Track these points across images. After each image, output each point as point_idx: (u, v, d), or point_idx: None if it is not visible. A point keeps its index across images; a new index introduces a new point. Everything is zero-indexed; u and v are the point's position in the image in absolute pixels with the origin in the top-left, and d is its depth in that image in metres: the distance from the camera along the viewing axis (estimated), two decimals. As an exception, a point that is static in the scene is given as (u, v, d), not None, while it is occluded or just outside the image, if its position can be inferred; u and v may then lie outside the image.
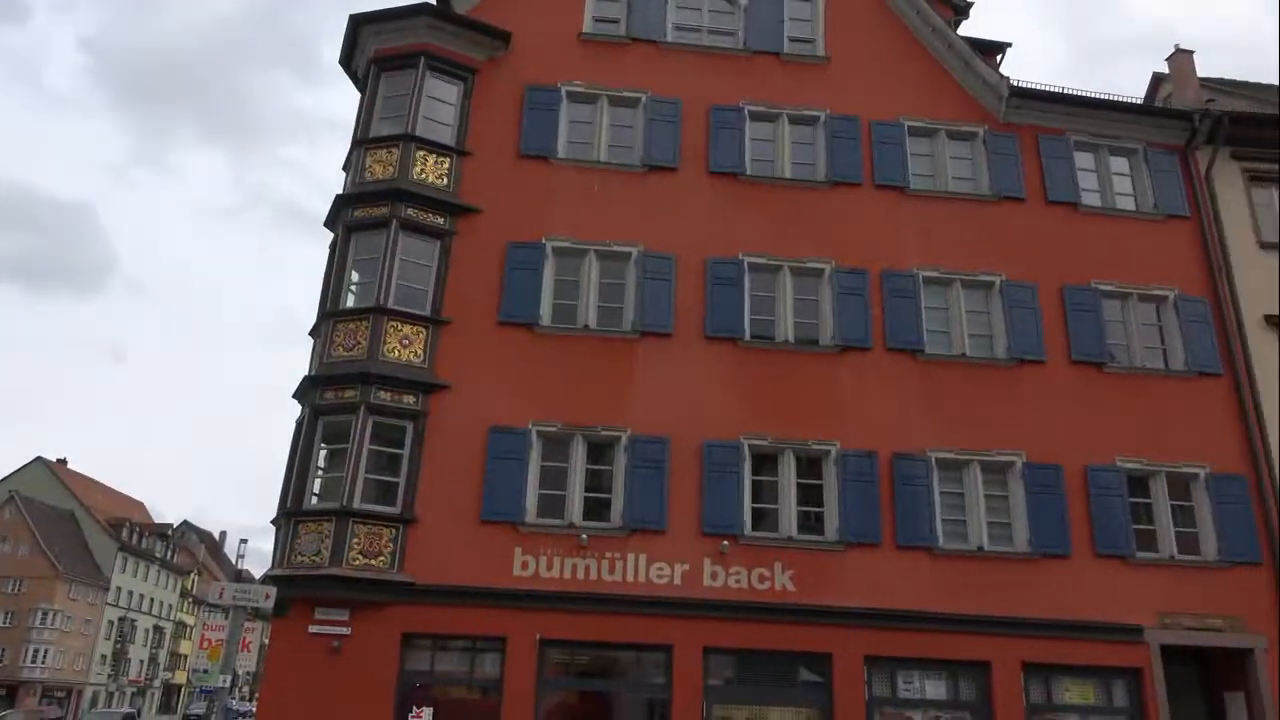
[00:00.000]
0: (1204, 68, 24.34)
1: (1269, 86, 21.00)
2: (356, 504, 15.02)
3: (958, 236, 18.18)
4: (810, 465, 16.50)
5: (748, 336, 16.90)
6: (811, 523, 16.21)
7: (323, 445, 15.71)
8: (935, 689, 15.65)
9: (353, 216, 16.86)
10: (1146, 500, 16.97)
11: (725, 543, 15.56)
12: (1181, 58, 20.67)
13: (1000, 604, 15.84)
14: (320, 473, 15.70)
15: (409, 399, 15.72)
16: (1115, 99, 19.37)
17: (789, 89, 18.75)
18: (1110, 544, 16.42)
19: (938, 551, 16.04)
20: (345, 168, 17.94)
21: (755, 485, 16.16)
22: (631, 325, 16.73)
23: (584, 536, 15.35)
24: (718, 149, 18.02)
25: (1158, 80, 22.02)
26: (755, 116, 18.47)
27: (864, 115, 18.62)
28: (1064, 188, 18.76)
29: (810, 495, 16.29)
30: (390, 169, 16.98)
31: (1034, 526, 16.36)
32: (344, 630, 14.64)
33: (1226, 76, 21.79)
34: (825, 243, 17.72)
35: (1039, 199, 18.67)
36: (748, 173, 18.04)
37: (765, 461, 16.37)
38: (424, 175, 17.08)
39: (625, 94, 18.27)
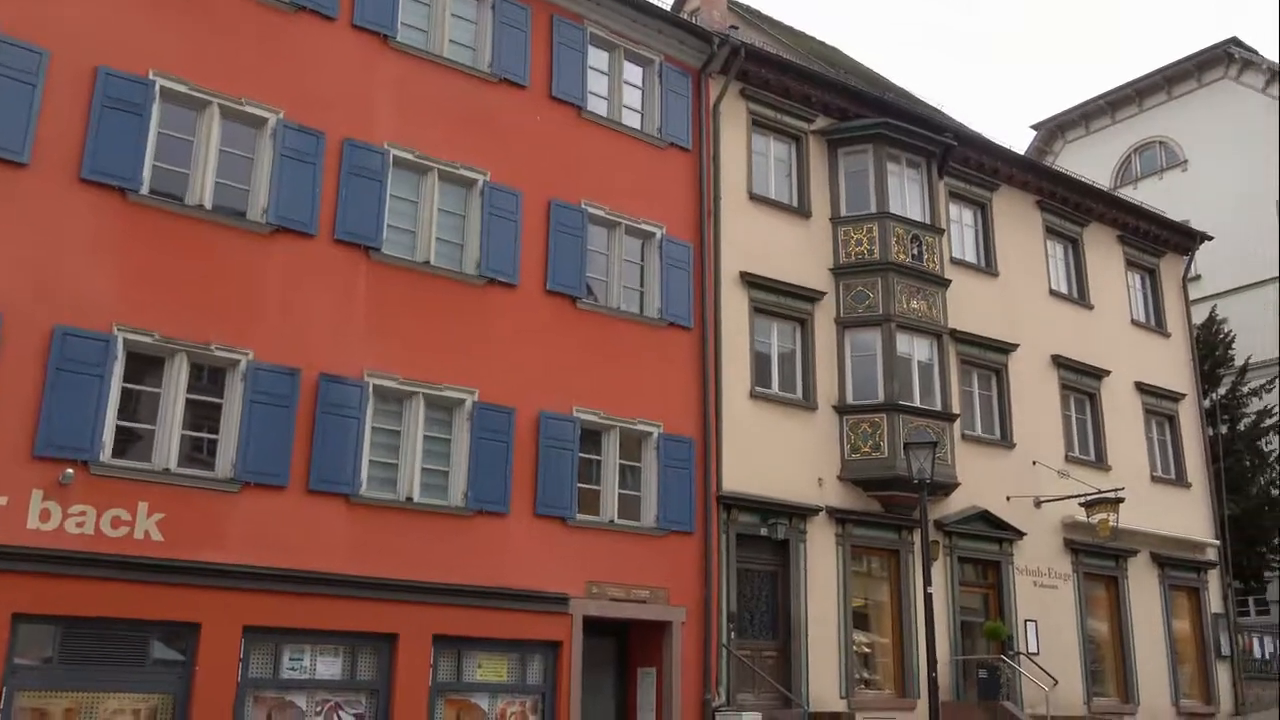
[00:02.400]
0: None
1: (802, 34, 20.59)
2: None
3: (444, 116, 15.43)
4: (212, 378, 13.02)
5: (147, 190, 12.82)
6: (203, 454, 12.81)
7: None
8: (329, 667, 13.22)
9: None
10: (597, 457, 15.80)
11: (69, 471, 11.65)
12: (711, -28, 19.55)
13: (420, 567, 13.75)
14: None
15: None
16: (640, -2, 17.63)
17: None
18: (552, 503, 15.00)
19: (357, 500, 13.49)
20: None
21: (127, 397, 12.36)
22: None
23: None
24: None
25: (686, -10, 20.83)
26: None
27: (353, -66, 14.99)
28: (572, 85, 16.73)
29: (205, 417, 12.85)
30: None
31: (474, 478, 14.41)
32: None
33: (764, 10, 21.12)
34: (275, 85, 14.03)
35: (543, 92, 16.47)
36: (185, -32, 13.66)
37: (150, 366, 12.59)
38: None
39: None
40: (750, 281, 17.87)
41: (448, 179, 15.30)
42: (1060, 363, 22.08)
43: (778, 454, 17.51)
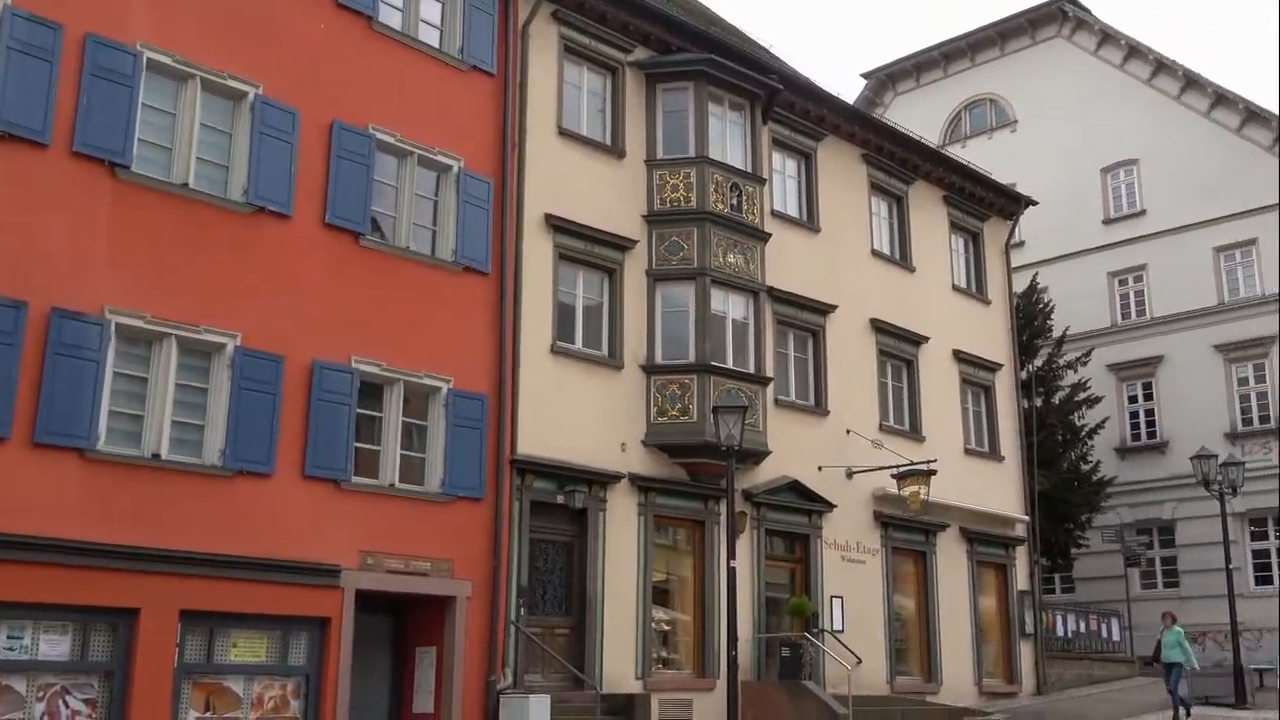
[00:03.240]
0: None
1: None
2: None
3: (211, 17, 14.68)
4: (-85, 307, 12.10)
5: None
6: (-100, 397, 11.93)
7: None
8: (55, 647, 12.59)
9: None
10: (377, 414, 15.52)
11: None
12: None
13: (168, 533, 13.21)
14: None
15: None
16: (443, -100, 17.18)
17: None
18: (324, 464, 14.66)
19: (93, 455, 12.83)
20: None
21: None
22: None
23: None
24: None
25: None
26: None
27: None
28: (362, -8, 16.20)
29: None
30: None
31: (235, 434, 13.92)
32: None
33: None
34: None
35: (328, -4, 15.89)
36: None
37: None
38: None
39: None
40: (556, 225, 17.81)
41: (212, 90, 14.59)
42: (879, 327, 22.96)
43: (579, 415, 17.60)
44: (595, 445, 17.70)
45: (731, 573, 15.99)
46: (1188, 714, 20.37)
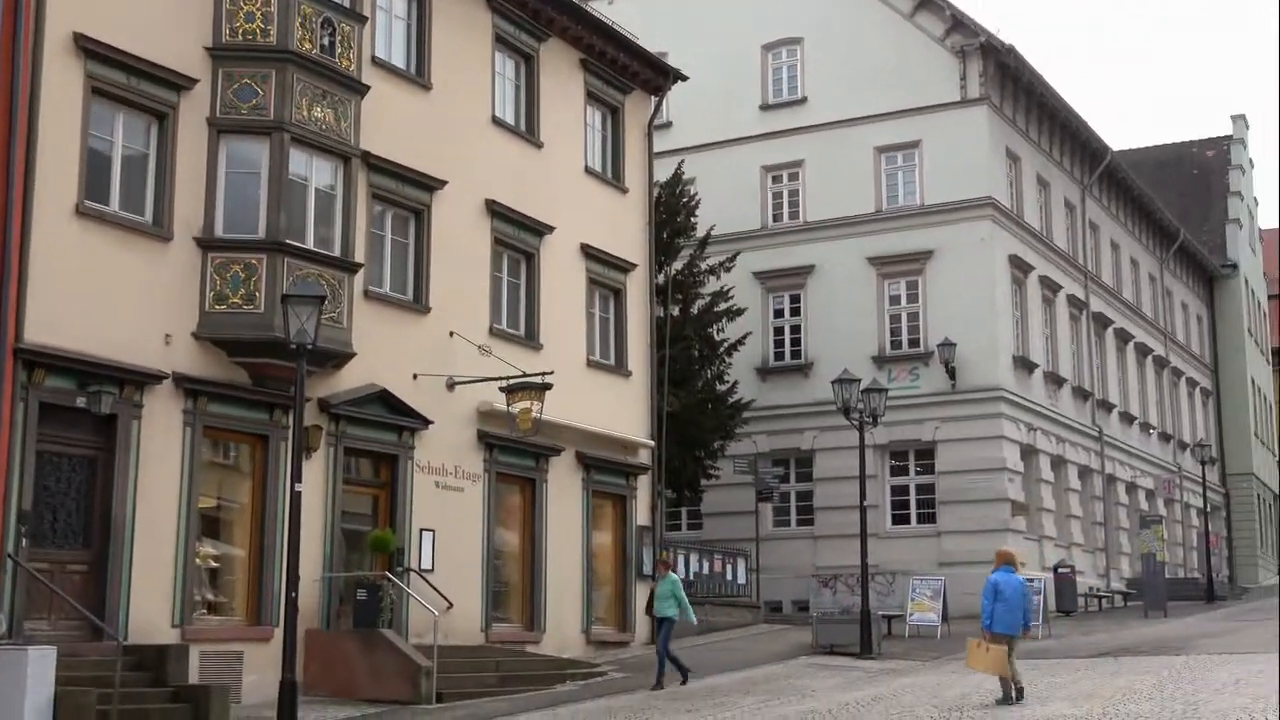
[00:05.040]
0: None
1: None
2: None
3: None
4: None
5: None
6: None
7: None
8: None
9: None
10: None
11: None
12: None
13: None
14: None
15: None
16: None
17: None
18: None
19: None
20: None
21: None
22: None
23: None
24: None
25: None
26: None
27: None
28: None
29: None
30: None
31: None
32: None
33: None
34: None
35: None
36: None
37: None
38: None
39: None
40: (89, 50, 16.78)
41: None
42: (497, 211, 23.18)
43: (110, 297, 16.85)
44: (131, 336, 17.01)
45: (296, 498, 15.82)
46: (683, 679, 19.93)
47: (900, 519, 34.11)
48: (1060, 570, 34.10)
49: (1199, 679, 18.09)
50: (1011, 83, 36.08)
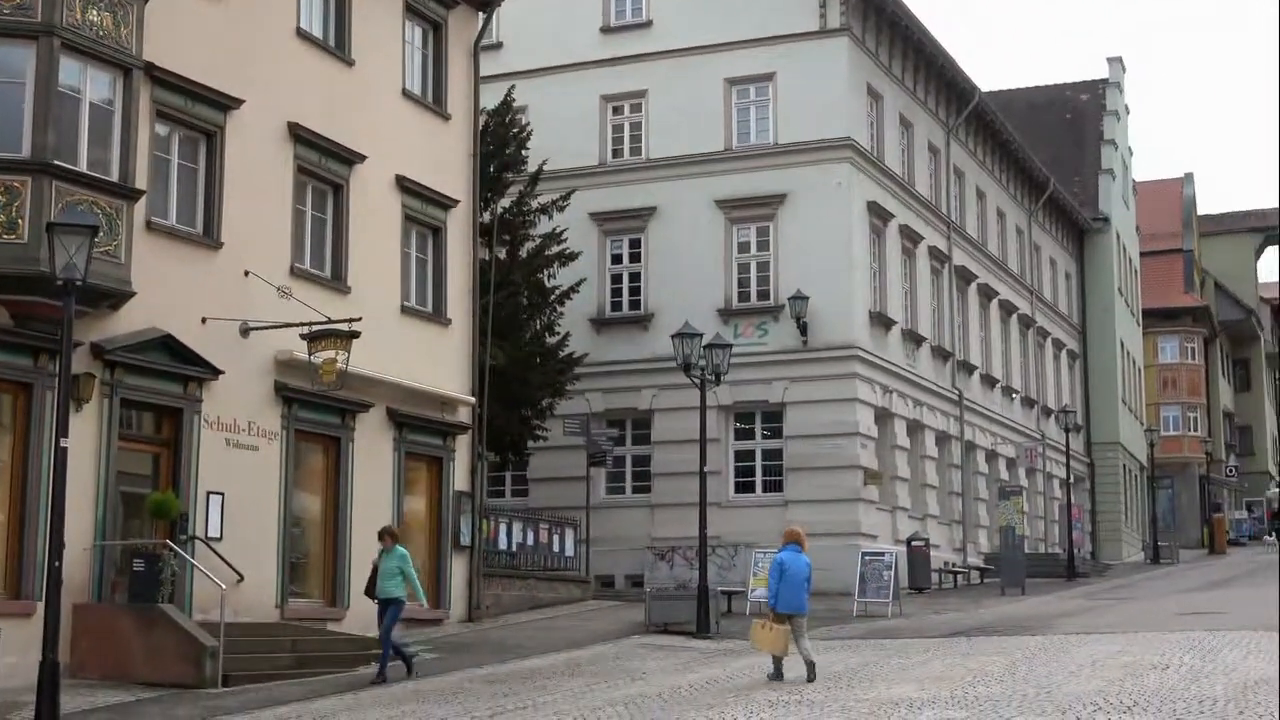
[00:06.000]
0: None
1: None
2: None
3: None
4: None
5: None
6: None
7: None
8: None
9: None
10: None
11: None
12: None
13: None
14: None
15: None
16: None
17: None
18: None
19: None
20: None
21: None
22: None
23: None
24: None
25: None
26: None
27: None
28: None
29: None
30: None
31: None
32: None
33: None
34: None
35: None
36: None
37: None
38: None
39: None
40: None
41: None
42: (300, 136, 22.78)
43: None
44: None
45: (62, 455, 15.40)
46: (409, 669, 19.17)
47: (744, 487, 34.54)
48: (914, 544, 34.99)
49: (1054, 660, 18.69)
50: (875, 13, 36.59)
